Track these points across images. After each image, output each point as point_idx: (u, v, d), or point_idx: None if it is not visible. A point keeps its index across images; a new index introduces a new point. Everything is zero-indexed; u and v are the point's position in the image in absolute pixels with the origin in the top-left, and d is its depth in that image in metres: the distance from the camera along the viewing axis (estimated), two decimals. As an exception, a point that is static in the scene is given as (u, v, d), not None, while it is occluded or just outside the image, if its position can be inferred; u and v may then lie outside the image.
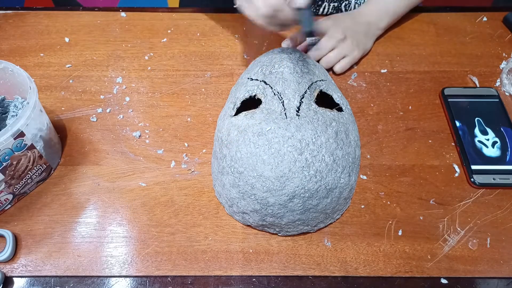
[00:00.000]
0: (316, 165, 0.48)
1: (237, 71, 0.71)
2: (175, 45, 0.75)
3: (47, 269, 0.52)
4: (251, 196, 0.50)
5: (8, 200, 0.55)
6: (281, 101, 0.50)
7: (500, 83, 0.70)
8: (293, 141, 0.48)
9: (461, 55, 0.73)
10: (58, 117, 0.65)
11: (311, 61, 0.58)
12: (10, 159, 0.50)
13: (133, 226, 0.55)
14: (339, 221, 0.55)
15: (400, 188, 0.58)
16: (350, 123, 0.54)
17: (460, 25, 0.78)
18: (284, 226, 0.52)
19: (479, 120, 0.64)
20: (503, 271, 0.52)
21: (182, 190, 0.58)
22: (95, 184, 0.58)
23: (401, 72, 0.71)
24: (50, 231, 0.54)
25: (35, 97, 0.52)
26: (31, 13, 0.79)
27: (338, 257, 0.53)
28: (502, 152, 0.60)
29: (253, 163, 0.48)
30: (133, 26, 0.78)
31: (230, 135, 0.51)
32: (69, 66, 0.72)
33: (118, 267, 0.52)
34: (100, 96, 0.68)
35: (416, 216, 0.56)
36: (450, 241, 0.54)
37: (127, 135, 0.63)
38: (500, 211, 0.56)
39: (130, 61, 0.73)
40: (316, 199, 0.49)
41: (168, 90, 0.69)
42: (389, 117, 0.66)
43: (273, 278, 0.51)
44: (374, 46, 0.75)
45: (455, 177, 0.59)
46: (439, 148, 0.62)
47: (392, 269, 0.52)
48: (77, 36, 0.76)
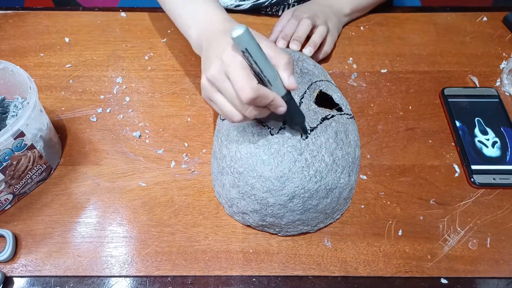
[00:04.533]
0: (316, 165, 0.48)
1: (237, 71, 0.71)
2: (175, 45, 0.75)
3: (47, 269, 0.52)
4: (251, 197, 0.50)
5: (8, 200, 0.55)
6: (281, 101, 0.50)
7: (500, 83, 0.70)
8: (293, 141, 0.48)
9: (461, 55, 0.73)
10: (58, 117, 0.65)
11: (311, 61, 0.58)
12: (10, 159, 0.51)
13: (133, 226, 0.55)
14: (339, 221, 0.55)
15: (400, 188, 0.58)
16: (350, 123, 0.54)
17: (460, 25, 0.78)
18: (284, 226, 0.52)
19: (479, 120, 0.64)
20: (503, 271, 0.52)
21: (182, 190, 0.58)
22: (95, 184, 0.58)
23: (401, 72, 0.71)
24: (50, 231, 0.54)
25: (35, 97, 0.52)
26: (31, 13, 0.79)
27: (338, 257, 0.53)
28: (502, 152, 0.60)
29: (253, 163, 0.48)
30: (133, 26, 0.78)
31: (230, 135, 0.51)
32: (69, 66, 0.72)
33: (118, 267, 0.52)
34: (100, 96, 0.68)
35: (416, 216, 0.56)
36: (450, 241, 0.54)
37: (127, 135, 0.63)
38: (500, 211, 0.56)
39: (130, 61, 0.73)
40: (316, 199, 0.49)
41: (168, 90, 0.69)
42: (389, 117, 0.66)
43: (273, 278, 0.51)
44: (374, 46, 0.75)
45: (455, 177, 0.59)
46: (439, 148, 0.62)
47: (392, 269, 0.52)
48: (77, 36, 0.76)
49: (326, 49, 0.70)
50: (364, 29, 0.78)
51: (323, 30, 0.67)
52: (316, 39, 0.66)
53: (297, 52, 0.60)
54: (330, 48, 0.70)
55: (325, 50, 0.70)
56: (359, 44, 0.75)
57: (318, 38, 0.66)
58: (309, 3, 0.74)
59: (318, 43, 0.66)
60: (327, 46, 0.69)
